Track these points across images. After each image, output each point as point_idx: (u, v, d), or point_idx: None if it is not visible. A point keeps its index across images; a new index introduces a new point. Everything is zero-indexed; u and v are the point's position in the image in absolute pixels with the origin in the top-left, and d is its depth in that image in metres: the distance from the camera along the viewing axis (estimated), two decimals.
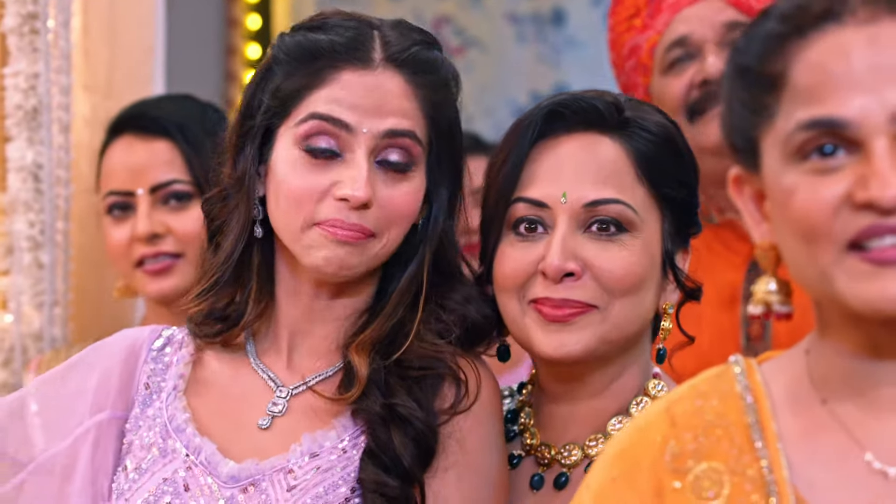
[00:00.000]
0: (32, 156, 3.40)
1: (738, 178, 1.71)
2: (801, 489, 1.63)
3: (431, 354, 2.24)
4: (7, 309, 3.45)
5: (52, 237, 3.43)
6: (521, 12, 6.29)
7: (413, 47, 2.26)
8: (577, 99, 2.28)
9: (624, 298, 2.23)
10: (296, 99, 2.25)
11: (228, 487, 2.21)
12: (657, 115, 2.32)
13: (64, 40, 3.44)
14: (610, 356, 2.26)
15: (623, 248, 2.23)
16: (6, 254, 3.44)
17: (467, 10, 6.24)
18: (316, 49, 2.25)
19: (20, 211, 3.41)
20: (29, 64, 3.39)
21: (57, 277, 3.45)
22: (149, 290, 3.18)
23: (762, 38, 1.66)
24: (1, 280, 3.44)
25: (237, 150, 2.31)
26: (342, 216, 2.20)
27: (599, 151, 2.25)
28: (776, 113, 1.63)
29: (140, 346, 2.37)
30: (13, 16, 3.39)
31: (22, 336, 3.43)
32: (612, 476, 1.70)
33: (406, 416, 2.18)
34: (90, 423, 2.31)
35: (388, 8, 5.96)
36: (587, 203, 2.22)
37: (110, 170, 3.22)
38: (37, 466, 2.31)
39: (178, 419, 2.28)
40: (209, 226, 2.37)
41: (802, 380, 1.69)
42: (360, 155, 2.21)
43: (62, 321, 3.47)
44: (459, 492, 2.19)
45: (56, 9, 3.42)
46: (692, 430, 1.68)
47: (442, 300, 2.29)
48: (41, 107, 3.40)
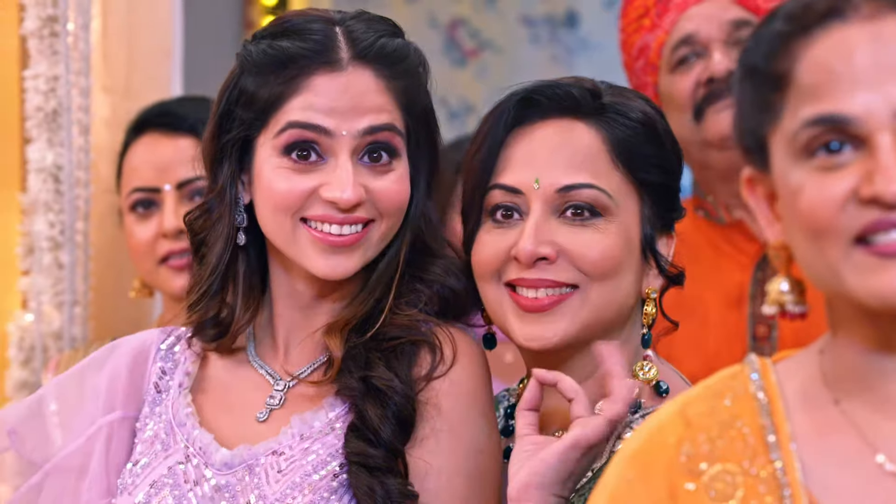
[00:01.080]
0: (52, 157, 3.42)
1: (751, 178, 1.71)
2: (814, 491, 1.63)
3: (405, 323, 2.24)
4: (27, 308, 3.47)
5: (71, 237, 3.45)
6: (535, 15, 6.30)
7: (379, 40, 2.26)
8: (552, 86, 2.29)
9: (602, 281, 2.23)
10: (272, 109, 2.24)
11: (223, 474, 2.23)
12: (638, 101, 2.31)
13: (83, 43, 3.46)
14: (589, 342, 2.24)
15: (597, 232, 2.22)
16: (27, 254, 3.45)
17: (482, 12, 6.25)
18: (284, 56, 2.24)
19: (40, 212, 3.43)
20: (49, 66, 3.41)
21: (77, 277, 3.47)
22: (173, 287, 3.18)
23: (768, 38, 1.67)
24: (21, 280, 3.47)
25: (216, 163, 2.31)
26: (330, 212, 2.22)
27: (573, 137, 2.25)
28: (783, 111, 1.64)
29: (149, 346, 2.39)
30: (33, 19, 3.41)
31: (42, 335, 3.44)
32: (627, 478, 1.70)
33: (383, 388, 2.19)
34: (102, 423, 2.33)
35: (403, 10, 5.98)
36: (560, 188, 2.23)
37: (134, 167, 3.24)
38: (53, 466, 2.34)
39: (181, 414, 2.30)
40: (192, 239, 2.37)
41: (815, 380, 1.70)
42: (344, 158, 2.22)
43: (82, 320, 3.49)
44: (442, 458, 2.19)
45: (75, 12, 3.44)
46: (706, 432, 1.68)
47: (420, 273, 2.30)
48: (61, 109, 3.42)
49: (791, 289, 1.68)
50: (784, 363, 1.74)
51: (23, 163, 3.45)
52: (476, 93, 6.06)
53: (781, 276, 1.69)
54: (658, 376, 2.29)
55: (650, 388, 2.28)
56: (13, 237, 3.47)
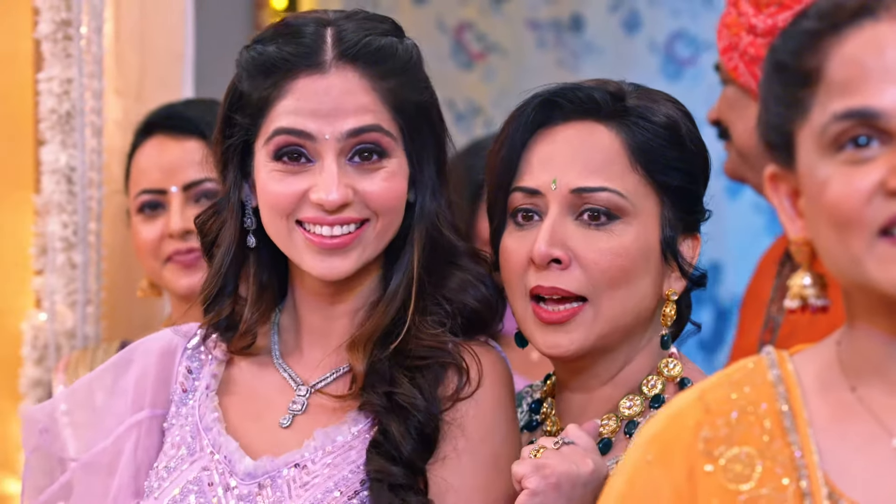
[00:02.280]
0: (66, 159, 3.43)
1: (774, 175, 1.73)
2: (830, 474, 1.65)
3: (433, 344, 2.24)
4: (41, 308, 3.48)
5: (84, 238, 3.47)
6: (541, 18, 6.31)
7: (364, 38, 2.24)
8: (574, 88, 2.29)
9: (611, 290, 2.23)
10: (261, 113, 2.26)
11: (246, 484, 2.23)
12: (663, 106, 2.30)
13: (96, 46, 3.48)
14: (611, 347, 2.27)
15: (611, 237, 2.23)
16: (40, 254, 3.47)
17: (488, 16, 6.26)
18: (268, 61, 2.25)
19: (54, 212, 3.45)
20: (62, 69, 3.43)
21: (89, 277, 3.49)
22: (178, 285, 3.21)
23: (799, 35, 1.69)
24: (35, 279, 3.48)
25: (224, 166, 2.33)
26: (321, 214, 2.23)
27: (592, 139, 2.26)
28: (811, 107, 1.66)
29: (176, 345, 2.39)
30: (47, 22, 3.43)
31: (56, 334, 3.46)
32: (647, 459, 1.71)
33: (406, 405, 2.19)
34: (131, 422, 2.34)
35: (411, 14, 6.01)
36: (575, 189, 2.23)
37: (142, 169, 3.26)
38: (82, 465, 2.35)
39: (207, 418, 2.31)
40: (203, 241, 2.39)
41: (833, 368, 1.72)
42: (329, 160, 2.22)
43: (95, 319, 3.51)
44: (463, 478, 2.19)
45: (89, 16, 3.46)
46: (724, 416, 1.70)
47: (440, 288, 2.29)
48: (74, 111, 3.44)
49: (813, 283, 1.70)
50: (800, 354, 1.76)
51: (37, 164, 3.47)
52: (483, 95, 6.07)
53: (804, 271, 1.70)
54: (682, 373, 2.30)
55: (675, 384, 2.29)
56: (27, 237, 3.48)
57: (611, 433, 2.27)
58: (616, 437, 2.27)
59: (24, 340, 3.48)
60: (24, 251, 3.49)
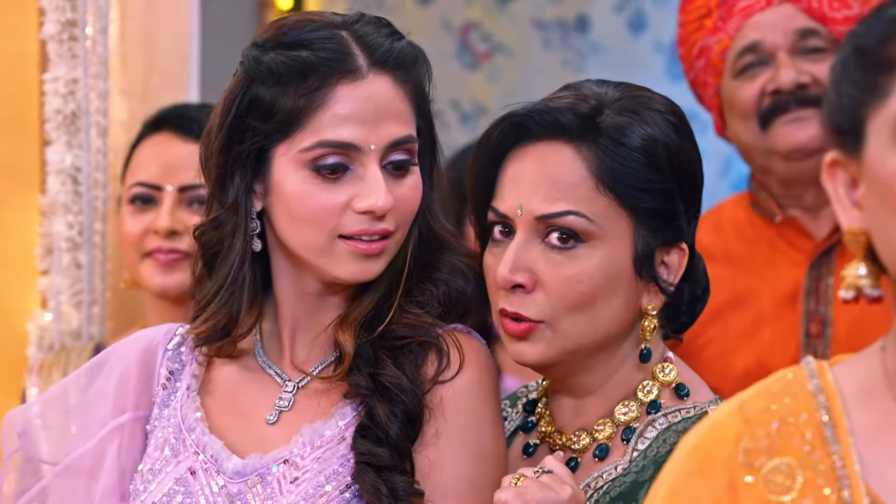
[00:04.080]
0: (71, 159, 3.44)
1: (834, 162, 1.69)
2: (872, 484, 1.63)
3: (413, 322, 2.24)
4: (47, 308, 3.49)
5: (90, 238, 3.48)
6: (547, 19, 6.32)
7: (393, 45, 2.24)
8: (543, 111, 2.24)
9: (572, 315, 2.21)
10: (295, 121, 2.21)
11: (235, 483, 2.22)
12: (647, 121, 2.24)
13: (102, 46, 3.49)
14: (584, 361, 2.26)
15: (576, 262, 2.20)
16: (46, 254, 3.48)
17: (494, 16, 6.27)
18: (303, 66, 2.20)
19: (59, 212, 3.45)
20: (68, 70, 3.44)
21: (95, 277, 3.50)
22: (153, 282, 3.20)
23: (886, 21, 1.66)
24: (41, 280, 3.49)
25: (225, 174, 2.27)
26: (366, 226, 2.21)
27: (557, 162, 2.21)
28: (890, 94, 1.63)
29: (156, 346, 2.37)
30: (53, 23, 3.44)
31: (61, 334, 3.47)
32: (687, 471, 1.70)
33: (391, 386, 2.19)
34: (113, 425, 2.32)
35: (416, 14, 6.02)
36: (539, 216, 2.20)
37: (142, 161, 3.26)
38: (63, 468, 2.33)
39: (189, 419, 2.29)
40: (204, 254, 2.32)
41: (877, 377, 1.69)
42: (373, 168, 2.21)
43: (100, 320, 3.52)
44: (446, 461, 2.20)
45: (94, 16, 3.46)
46: (765, 427, 1.68)
47: (428, 271, 2.29)
48: (80, 111, 3.44)
49: (868, 273, 1.66)
50: (840, 365, 1.74)
51: (42, 164, 3.47)
52: (488, 96, 6.09)
53: (858, 261, 1.66)
54: (678, 378, 2.29)
55: (670, 389, 2.28)
56: (32, 238, 3.49)
57: (606, 439, 2.27)
58: (613, 442, 2.27)
59: (29, 340, 3.48)
60: (30, 251, 3.50)
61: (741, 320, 3.19)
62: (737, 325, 3.19)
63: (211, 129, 2.30)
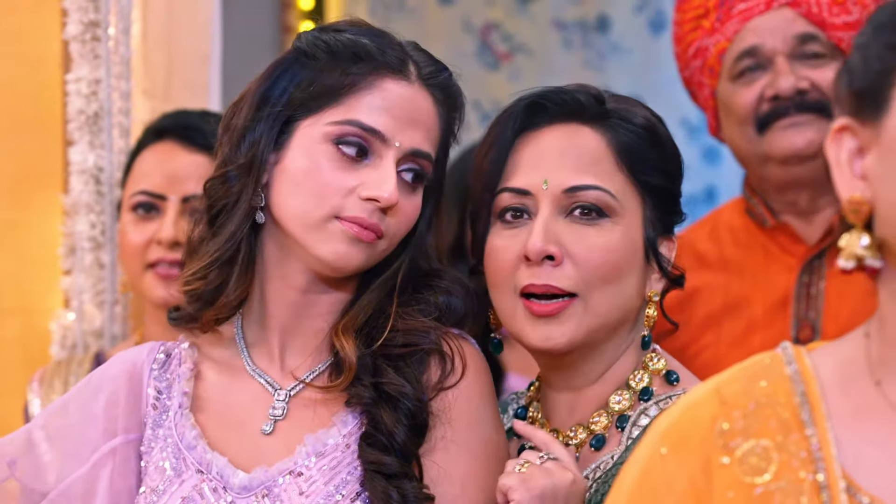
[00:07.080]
0: (94, 159, 3.46)
1: (843, 128, 1.67)
2: (848, 467, 1.63)
3: (415, 327, 2.25)
4: (69, 307, 3.51)
5: (112, 237, 3.49)
6: (567, 19, 6.32)
7: (441, 72, 2.31)
8: (558, 91, 2.34)
9: (602, 286, 2.26)
10: (333, 97, 2.24)
11: (243, 498, 2.21)
12: (640, 109, 2.36)
13: (124, 47, 3.51)
14: (598, 344, 2.30)
15: (602, 233, 2.27)
16: (68, 254, 3.50)
17: (515, 16, 6.27)
18: (362, 51, 2.26)
19: (82, 212, 3.47)
20: (90, 70, 3.47)
21: (117, 276, 3.51)
22: (155, 294, 3.18)
23: None
24: (63, 279, 3.51)
25: (247, 133, 2.28)
26: (365, 214, 2.21)
27: (580, 140, 2.30)
28: None
29: (141, 366, 2.35)
30: (75, 24, 3.46)
31: (84, 333, 3.49)
32: (661, 451, 1.70)
33: (395, 393, 2.20)
34: (105, 449, 2.30)
35: (438, 14, 6.02)
36: (567, 188, 2.27)
37: (146, 170, 3.24)
38: (57, 494, 2.30)
39: (187, 437, 2.28)
40: (210, 208, 2.32)
41: (857, 362, 1.69)
42: (390, 162, 2.23)
43: (122, 319, 3.54)
44: (453, 466, 2.21)
45: (116, 17, 3.49)
46: (741, 409, 1.68)
47: (428, 281, 2.30)
48: (102, 112, 3.47)
49: (870, 244, 1.64)
50: (817, 350, 1.74)
51: (65, 165, 3.50)
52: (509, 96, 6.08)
53: (860, 232, 1.65)
54: (667, 366, 2.34)
55: (661, 377, 2.33)
56: (55, 237, 3.52)
57: (603, 429, 2.30)
58: (608, 432, 2.30)
59: (52, 340, 3.50)
60: (53, 251, 3.52)
61: (734, 327, 3.19)
62: (730, 332, 3.19)
63: (245, 94, 2.31)
